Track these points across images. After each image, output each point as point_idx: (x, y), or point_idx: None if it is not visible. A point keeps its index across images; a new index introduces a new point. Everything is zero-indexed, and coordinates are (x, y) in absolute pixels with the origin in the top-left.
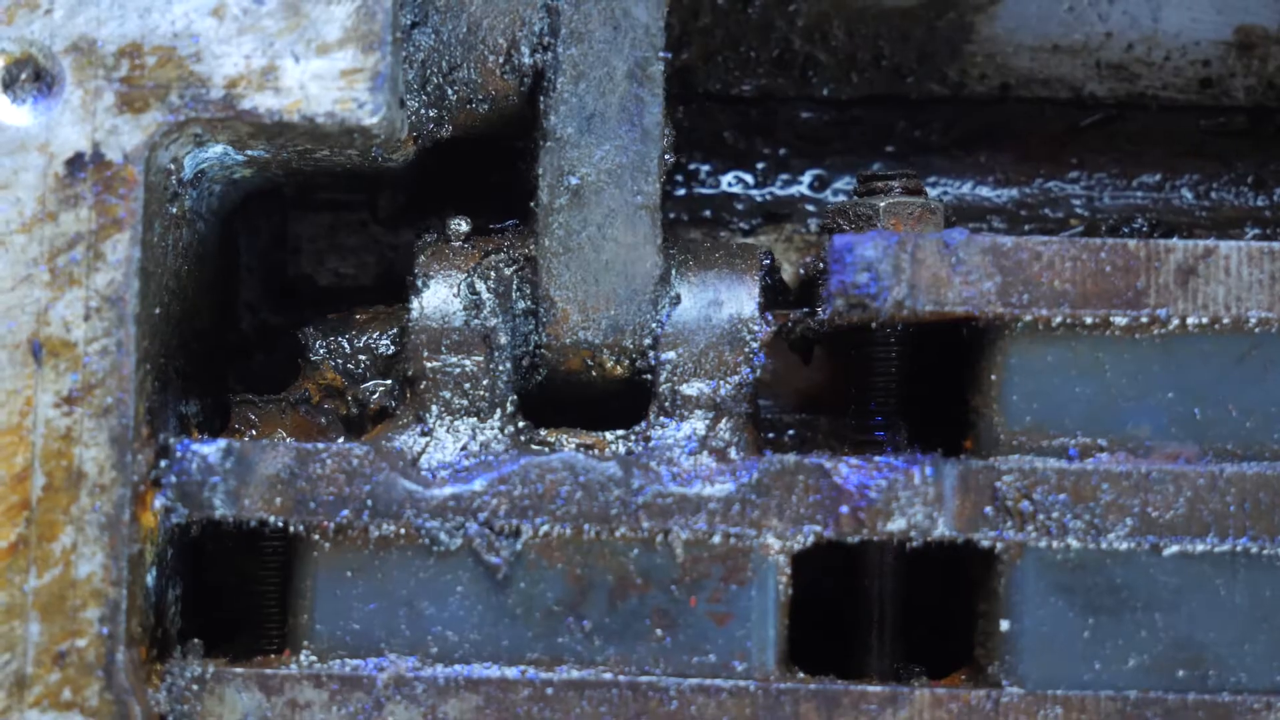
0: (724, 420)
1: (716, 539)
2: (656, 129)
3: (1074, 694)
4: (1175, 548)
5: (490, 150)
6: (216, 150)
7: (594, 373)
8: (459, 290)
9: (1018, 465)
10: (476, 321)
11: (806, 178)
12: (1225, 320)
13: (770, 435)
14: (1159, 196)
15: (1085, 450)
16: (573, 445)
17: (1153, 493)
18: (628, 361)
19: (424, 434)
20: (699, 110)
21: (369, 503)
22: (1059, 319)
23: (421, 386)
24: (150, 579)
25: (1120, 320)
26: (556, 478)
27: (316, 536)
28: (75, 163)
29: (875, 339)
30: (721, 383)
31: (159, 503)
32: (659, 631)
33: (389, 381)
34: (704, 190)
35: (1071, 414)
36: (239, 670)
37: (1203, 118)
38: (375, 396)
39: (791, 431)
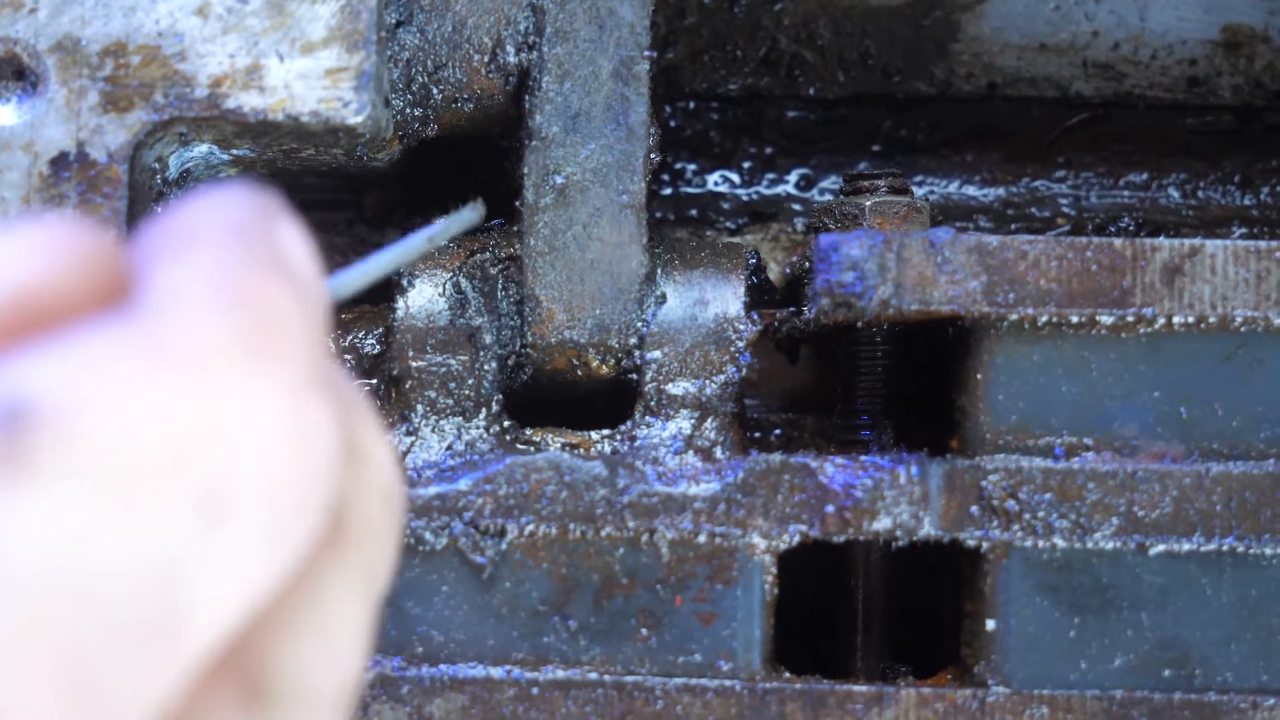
0: (709, 420)
1: (702, 538)
2: (642, 128)
3: (1060, 693)
4: (1161, 547)
5: (476, 150)
6: (201, 150)
7: (579, 372)
8: (444, 290)
9: (1003, 464)
10: (462, 321)
11: (793, 177)
12: (1211, 319)
13: (756, 435)
14: (1146, 196)
15: (1071, 449)
16: (558, 444)
17: (1139, 492)
18: (613, 361)
19: (409, 433)
20: (685, 109)
21: None
22: (1045, 318)
23: (407, 386)
24: None
25: (1106, 319)
26: (542, 477)
27: None
28: (59, 162)
29: (861, 338)
30: (707, 382)
31: None
32: (644, 631)
33: (374, 381)
34: (690, 189)
35: (1057, 413)
36: None
37: (1190, 117)
38: None
39: (778, 431)
